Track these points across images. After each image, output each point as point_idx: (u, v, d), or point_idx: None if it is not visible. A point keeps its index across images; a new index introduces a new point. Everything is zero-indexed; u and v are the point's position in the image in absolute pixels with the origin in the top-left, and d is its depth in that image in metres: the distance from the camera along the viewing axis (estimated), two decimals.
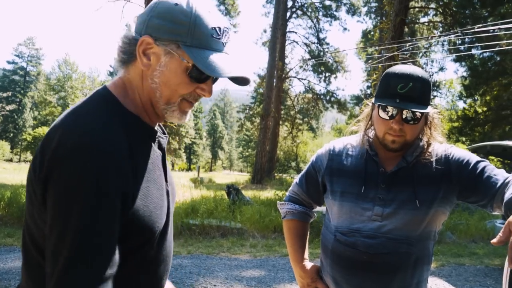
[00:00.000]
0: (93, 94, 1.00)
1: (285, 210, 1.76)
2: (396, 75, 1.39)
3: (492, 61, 18.48)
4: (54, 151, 0.84)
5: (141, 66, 0.98)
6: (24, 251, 0.97)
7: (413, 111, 1.38)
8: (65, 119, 0.91)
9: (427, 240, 1.48)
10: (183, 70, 0.96)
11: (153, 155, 1.02)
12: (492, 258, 7.05)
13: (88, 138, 0.85)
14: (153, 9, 0.97)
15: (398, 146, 1.44)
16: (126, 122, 0.95)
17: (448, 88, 34.42)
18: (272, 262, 6.17)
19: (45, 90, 53.50)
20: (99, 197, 0.83)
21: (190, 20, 0.94)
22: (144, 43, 0.96)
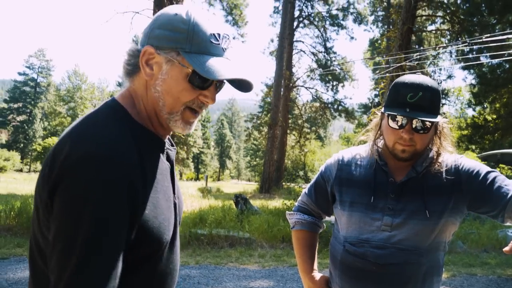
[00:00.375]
0: (102, 105, 1.01)
1: (294, 220, 1.75)
2: (406, 84, 1.38)
3: (501, 69, 18.37)
4: (63, 161, 0.85)
5: (144, 76, 1.00)
6: (31, 261, 0.98)
7: (423, 121, 1.37)
8: (74, 130, 0.92)
9: (437, 251, 1.46)
10: (184, 76, 0.97)
11: (162, 166, 1.02)
12: (505, 268, 6.93)
13: (98, 148, 0.86)
14: (155, 22, 1.00)
15: (408, 155, 1.43)
16: (135, 133, 0.96)
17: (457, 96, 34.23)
18: (281, 272, 6.13)
19: (55, 100, 54.13)
20: (108, 208, 0.84)
21: (188, 28, 0.96)
22: (146, 53, 0.98)
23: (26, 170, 48.98)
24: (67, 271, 0.80)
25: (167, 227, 0.99)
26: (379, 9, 30.43)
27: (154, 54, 0.97)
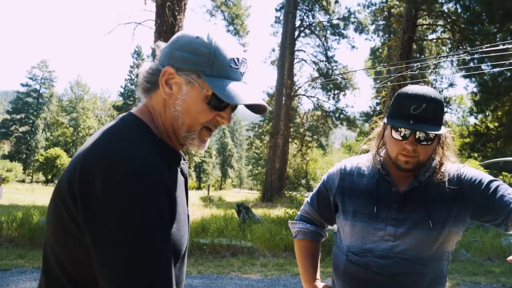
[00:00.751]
0: (121, 120, 1.03)
1: (296, 229, 1.75)
2: (409, 95, 1.38)
3: (503, 77, 18.37)
4: (105, 181, 0.86)
5: (163, 95, 1.02)
6: (46, 273, 0.99)
7: (427, 132, 1.37)
8: (104, 146, 0.93)
9: (441, 261, 1.46)
10: (203, 98, 1.00)
11: (179, 180, 1.05)
12: (509, 277, 6.87)
13: (138, 164, 0.89)
14: (175, 42, 1.02)
15: (412, 166, 1.43)
16: (159, 148, 1.00)
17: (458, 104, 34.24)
18: (283, 282, 6.09)
19: (57, 111, 54.28)
20: (160, 219, 0.89)
21: (210, 51, 0.99)
22: (166, 73, 1.01)
23: (29, 181, 49.02)
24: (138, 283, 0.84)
25: (185, 238, 1.03)
26: (380, 18, 30.56)
27: (174, 75, 1.00)
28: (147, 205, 0.86)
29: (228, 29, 28.54)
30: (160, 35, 9.75)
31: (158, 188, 0.90)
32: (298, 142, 31.61)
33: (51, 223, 0.97)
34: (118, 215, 0.85)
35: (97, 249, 0.87)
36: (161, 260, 0.87)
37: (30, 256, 6.83)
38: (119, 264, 0.84)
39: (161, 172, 0.93)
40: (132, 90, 53.89)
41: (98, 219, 0.86)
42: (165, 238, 0.89)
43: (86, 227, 0.88)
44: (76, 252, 0.91)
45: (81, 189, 0.88)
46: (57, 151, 43.75)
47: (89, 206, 0.87)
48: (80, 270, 0.93)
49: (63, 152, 44.67)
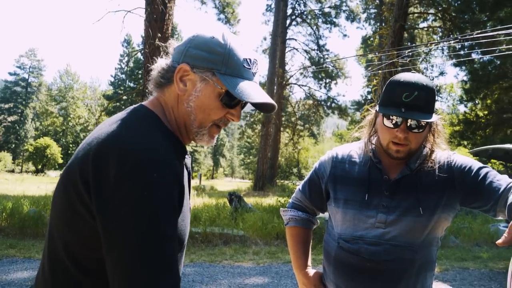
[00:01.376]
0: (133, 111, 1.06)
1: (288, 217, 1.76)
2: (401, 83, 1.38)
3: (492, 65, 18.51)
4: (119, 168, 0.89)
5: (177, 90, 1.06)
6: (50, 258, 1.01)
7: (418, 120, 1.38)
8: (118, 135, 0.95)
9: (430, 247, 1.48)
10: (216, 95, 1.05)
11: (184, 173, 1.08)
12: (497, 262, 7.01)
13: (151, 152, 0.92)
14: (191, 41, 1.06)
15: (403, 155, 1.44)
16: (170, 138, 1.04)
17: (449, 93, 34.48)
18: (275, 269, 6.15)
19: (47, 100, 53.63)
20: (171, 207, 0.92)
21: (225, 51, 1.03)
22: (181, 70, 1.05)
23: (18, 171, 48.53)
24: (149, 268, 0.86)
25: (187, 231, 1.07)
26: (371, 6, 30.50)
27: (189, 72, 1.04)
28: (159, 192, 0.89)
29: (219, 17, 28.31)
30: (150, 23, 9.63)
31: (170, 176, 0.93)
32: (289, 131, 31.65)
33: (59, 210, 1.00)
34: (131, 200, 0.87)
35: (107, 232, 0.89)
36: (170, 246, 0.90)
37: (21, 246, 6.80)
38: (129, 247, 0.86)
39: (174, 161, 0.96)
40: (122, 79, 53.31)
41: (111, 203, 0.88)
42: (174, 225, 0.93)
43: (98, 212, 0.90)
44: (86, 237, 0.94)
45: (94, 176, 0.91)
46: (47, 140, 43.35)
47: (102, 191, 0.89)
48: (88, 254, 0.95)
49: (53, 142, 44.27)
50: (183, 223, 1.01)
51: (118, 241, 0.87)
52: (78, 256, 0.96)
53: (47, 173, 39.79)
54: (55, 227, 1.01)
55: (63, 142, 50.19)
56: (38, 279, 1.05)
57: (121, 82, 53.53)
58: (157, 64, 1.11)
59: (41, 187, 15.96)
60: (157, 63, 1.11)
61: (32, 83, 57.35)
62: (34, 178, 31.98)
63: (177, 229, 0.95)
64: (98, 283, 0.95)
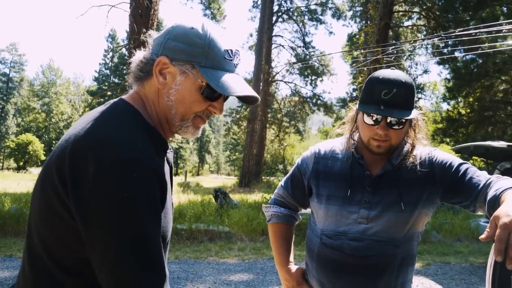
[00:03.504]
0: (113, 105, 1.03)
1: (270, 213, 1.76)
2: (380, 81, 1.40)
3: (475, 64, 18.79)
4: (98, 166, 0.86)
5: (157, 84, 1.03)
6: (30, 258, 0.98)
7: (401, 118, 1.39)
8: (96, 131, 0.93)
9: (411, 242, 1.50)
10: (197, 88, 1.02)
11: (166, 168, 1.06)
12: (477, 256, 7.15)
13: (130, 151, 0.90)
14: (169, 32, 1.03)
15: (384, 150, 1.45)
16: (150, 134, 1.01)
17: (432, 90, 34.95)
18: (260, 265, 6.17)
19: (29, 96, 52.62)
20: (152, 205, 0.90)
21: (205, 43, 1.00)
22: (160, 63, 1.01)
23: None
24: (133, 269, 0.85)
25: (170, 225, 1.05)
26: (357, 4, 30.68)
27: (169, 65, 1.01)
28: (139, 191, 0.87)
29: (205, 13, 28.15)
30: (135, 18, 9.51)
31: (151, 174, 0.91)
32: (275, 127, 31.70)
33: (37, 207, 0.97)
34: (111, 201, 0.85)
35: (89, 233, 0.87)
36: (154, 245, 0.89)
37: (2, 244, 6.67)
38: (112, 248, 0.85)
39: (154, 159, 0.94)
40: (107, 74, 52.60)
41: (90, 204, 0.86)
42: (157, 223, 0.91)
43: (77, 212, 0.88)
44: (64, 236, 0.92)
45: (71, 175, 0.88)
46: (29, 137, 42.60)
47: (81, 191, 0.87)
48: (68, 254, 0.93)
49: (35, 138, 43.53)
50: (166, 220, 0.99)
51: (101, 243, 0.86)
52: (57, 255, 0.94)
53: (29, 170, 39.12)
54: (33, 225, 0.99)
55: (46, 139, 49.37)
56: (19, 278, 1.02)
57: (106, 77, 52.82)
58: (136, 56, 1.07)
59: (23, 184, 15.67)
60: (136, 56, 1.08)
61: (13, 78, 56.18)
62: (16, 175, 31.39)
63: (160, 227, 0.93)
64: (80, 283, 0.93)
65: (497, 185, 1.27)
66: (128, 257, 0.85)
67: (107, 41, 54.41)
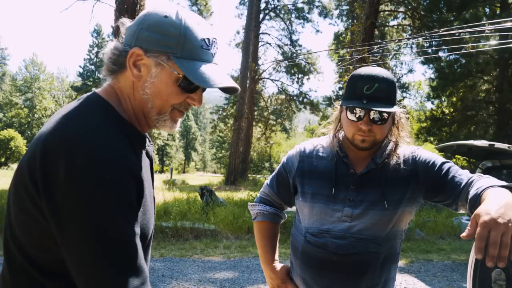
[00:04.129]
0: (85, 101, 0.98)
1: (255, 211, 1.76)
2: (362, 77, 1.42)
3: (458, 64, 19.09)
4: (68, 168, 0.83)
5: (132, 77, 0.98)
6: (8, 261, 0.96)
7: (380, 112, 1.40)
8: (67, 130, 0.89)
9: (394, 240, 1.51)
10: (174, 81, 0.97)
11: (145, 163, 1.04)
12: (459, 254, 7.29)
13: (101, 150, 0.86)
14: (142, 21, 0.97)
15: (368, 145, 1.46)
16: (125, 131, 0.97)
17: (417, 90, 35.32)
18: (246, 263, 6.17)
19: (11, 91, 51.56)
20: (127, 206, 0.87)
21: (180, 32, 0.95)
22: (134, 55, 0.96)
23: None
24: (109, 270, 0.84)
25: (151, 222, 1.03)
26: (343, 3, 30.86)
27: (143, 56, 0.96)
28: (112, 192, 0.84)
29: (192, 9, 27.90)
30: (121, 13, 9.38)
31: (124, 174, 0.88)
32: (262, 125, 31.70)
33: (12, 209, 0.94)
34: (83, 204, 0.83)
35: (64, 237, 0.85)
36: (131, 245, 0.87)
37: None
38: (87, 252, 0.84)
39: (128, 157, 0.91)
40: (91, 70, 51.93)
41: (63, 207, 0.83)
42: (132, 223, 0.88)
43: (51, 216, 0.85)
44: (41, 238, 0.89)
45: (42, 175, 0.85)
46: (11, 132, 41.79)
47: (53, 193, 0.84)
48: (44, 256, 0.90)
49: (18, 134, 42.71)
50: (145, 217, 0.98)
51: (76, 247, 0.84)
52: (35, 258, 0.91)
53: (11, 166, 38.40)
54: (9, 229, 0.95)
55: (29, 134, 48.45)
56: (0, 280, 1.00)
57: (90, 73, 52.13)
58: (107, 48, 1.02)
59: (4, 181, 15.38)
60: (107, 47, 1.02)
61: None
62: None
63: (137, 227, 0.90)
64: (59, 285, 0.91)
65: (479, 183, 1.29)
66: (104, 260, 0.83)
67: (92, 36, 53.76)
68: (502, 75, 18.07)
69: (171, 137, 59.48)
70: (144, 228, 0.97)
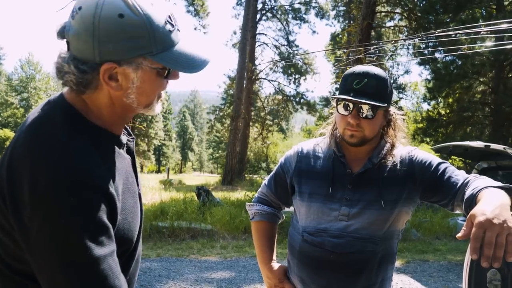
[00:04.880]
0: (52, 107, 0.93)
1: (253, 211, 1.77)
2: (353, 73, 1.45)
3: (454, 65, 19.15)
4: (32, 190, 0.80)
5: (112, 91, 0.91)
6: None
7: (367, 104, 1.40)
8: (29, 146, 0.85)
9: (391, 239, 1.52)
10: (155, 75, 0.93)
11: (124, 163, 1.01)
12: (455, 254, 7.31)
13: (66, 170, 0.81)
14: (95, 30, 0.84)
15: (357, 141, 1.47)
16: (94, 138, 0.91)
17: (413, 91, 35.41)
18: (243, 263, 6.17)
19: (7, 91, 51.31)
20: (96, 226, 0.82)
21: (146, 29, 0.86)
22: (107, 71, 0.88)
23: None
24: None
25: (136, 223, 1.00)
26: (340, 4, 30.91)
27: (116, 66, 0.88)
28: (78, 216, 0.80)
29: (188, 9, 27.90)
30: None
31: (91, 193, 0.82)
32: (259, 125, 31.69)
33: None
34: (49, 229, 0.79)
35: (34, 261, 0.83)
36: (102, 267, 0.82)
37: None
38: (57, 278, 0.81)
39: (94, 174, 0.85)
40: None
41: (31, 232, 0.80)
42: (104, 242, 0.83)
43: (20, 237, 0.83)
44: (15, 251, 0.87)
45: (9, 195, 0.83)
46: (7, 132, 41.57)
47: (20, 215, 0.81)
48: (27, 268, 0.87)
49: (13, 134, 42.53)
50: (126, 221, 0.94)
51: (46, 272, 0.82)
52: (13, 266, 0.89)
53: None
54: None
55: None
56: None
57: None
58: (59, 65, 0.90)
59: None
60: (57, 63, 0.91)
61: None
62: None
63: (111, 244, 0.85)
64: None
65: (474, 184, 1.30)
66: (75, 284, 0.81)
67: None
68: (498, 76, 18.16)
69: (167, 137, 59.39)
70: (127, 232, 0.95)
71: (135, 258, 1.05)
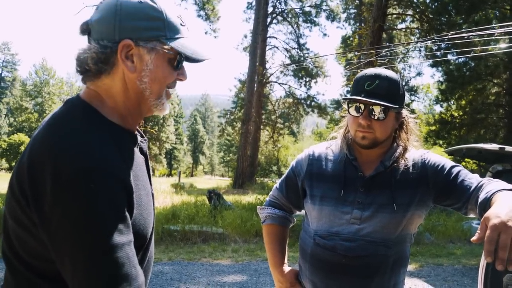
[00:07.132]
0: (68, 108, 0.98)
1: (264, 214, 1.76)
2: (365, 75, 1.45)
3: (467, 67, 18.94)
4: (55, 181, 0.83)
5: (126, 71, 0.97)
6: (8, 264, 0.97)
7: (378, 105, 1.40)
8: (51, 142, 0.88)
9: (404, 243, 1.51)
10: (168, 62, 0.99)
11: (139, 161, 1.03)
12: (469, 258, 7.20)
13: (86, 161, 0.85)
14: (117, 13, 0.94)
15: (368, 142, 1.46)
16: (112, 134, 0.95)
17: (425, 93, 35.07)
18: (254, 267, 6.16)
19: (21, 96, 52.15)
20: (116, 214, 0.86)
21: (163, 14, 0.97)
22: (125, 48, 0.95)
23: None
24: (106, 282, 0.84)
25: (150, 220, 1.03)
26: (351, 6, 30.81)
27: (132, 46, 0.95)
28: (99, 203, 0.83)
29: (199, 13, 28.09)
30: None
31: (112, 182, 0.87)
32: (269, 129, 31.70)
33: (8, 219, 0.94)
34: (71, 217, 0.82)
35: (56, 250, 0.86)
36: (123, 255, 0.85)
37: None
38: (79, 264, 0.83)
39: (114, 163, 0.89)
40: None
41: (52, 221, 0.83)
42: (124, 231, 0.87)
43: (42, 229, 0.86)
44: (36, 248, 0.89)
45: (31, 189, 0.86)
46: (22, 137, 42.25)
47: (42, 206, 0.84)
48: (43, 265, 0.90)
49: (28, 138, 43.09)
50: (141, 217, 0.97)
51: (68, 260, 0.84)
52: (31, 264, 0.91)
53: None
54: (5, 241, 0.96)
55: None
56: (4, 281, 1.01)
57: None
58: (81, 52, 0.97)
59: None
60: (78, 52, 0.98)
61: (5, 77, 55.82)
62: (8, 175, 31.12)
63: (129, 234, 0.89)
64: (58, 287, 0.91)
65: (488, 187, 1.29)
66: (95, 272, 0.83)
67: None
68: None
69: (179, 140, 59.69)
70: (142, 228, 0.97)
71: (147, 257, 1.07)
